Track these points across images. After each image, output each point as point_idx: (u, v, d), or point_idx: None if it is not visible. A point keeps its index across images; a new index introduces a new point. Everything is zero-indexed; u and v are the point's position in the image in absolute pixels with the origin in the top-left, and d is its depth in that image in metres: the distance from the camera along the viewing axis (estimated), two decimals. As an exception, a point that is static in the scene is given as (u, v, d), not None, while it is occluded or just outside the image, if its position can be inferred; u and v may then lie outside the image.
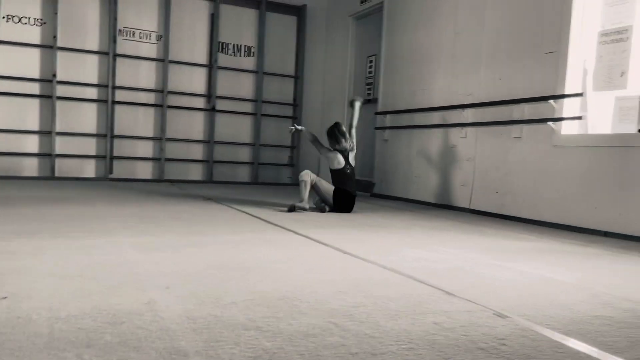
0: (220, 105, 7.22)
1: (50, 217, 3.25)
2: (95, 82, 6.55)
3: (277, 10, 7.51)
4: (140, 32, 6.75)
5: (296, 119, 7.65)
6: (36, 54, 6.26)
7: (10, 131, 6.16)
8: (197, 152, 7.18)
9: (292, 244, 2.74)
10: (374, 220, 4.03)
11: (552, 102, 4.12)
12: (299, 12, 7.65)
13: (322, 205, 4.36)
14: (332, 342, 1.32)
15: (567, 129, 4.09)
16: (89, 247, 2.34)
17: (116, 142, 6.68)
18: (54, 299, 1.56)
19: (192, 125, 7.12)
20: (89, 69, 6.52)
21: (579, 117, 3.97)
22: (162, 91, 6.84)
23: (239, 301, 1.64)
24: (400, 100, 6.03)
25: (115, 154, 6.67)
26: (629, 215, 3.57)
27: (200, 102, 7.15)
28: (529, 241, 3.33)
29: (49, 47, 6.26)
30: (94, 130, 6.59)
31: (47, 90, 6.31)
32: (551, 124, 4.13)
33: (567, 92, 4.04)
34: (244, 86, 7.40)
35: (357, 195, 4.54)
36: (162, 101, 6.84)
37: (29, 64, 6.23)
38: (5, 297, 1.55)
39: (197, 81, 7.12)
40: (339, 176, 4.44)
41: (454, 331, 1.47)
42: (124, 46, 6.65)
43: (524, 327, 1.54)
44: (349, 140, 4.55)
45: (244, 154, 7.48)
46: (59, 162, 6.41)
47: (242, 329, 1.39)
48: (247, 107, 7.43)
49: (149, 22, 6.80)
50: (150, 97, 6.86)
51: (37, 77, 6.27)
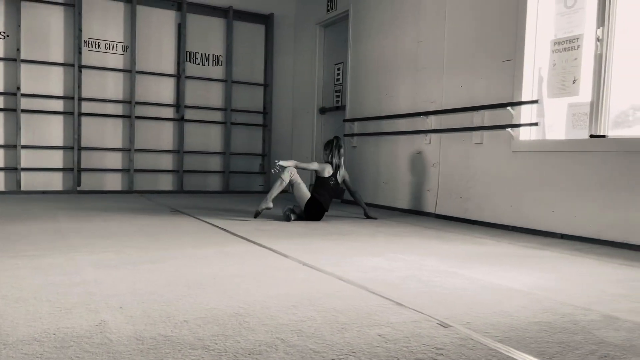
0: (189, 114, 7.22)
1: (8, 234, 3.23)
2: (60, 94, 6.49)
3: (244, 19, 7.55)
4: (105, 43, 6.71)
5: (266, 127, 7.70)
6: (-1, 66, 6.19)
7: (-27, 145, 6.07)
8: (167, 162, 7.17)
9: (253, 258, 2.78)
10: (339, 228, 4.09)
11: (509, 108, 4.24)
12: (267, 21, 7.70)
13: (288, 214, 4.41)
14: (275, 359, 1.37)
15: (524, 134, 4.22)
16: (47, 267, 2.34)
17: (84, 154, 6.63)
18: (5, 323, 1.57)
19: (161, 135, 7.10)
20: (54, 81, 6.46)
21: (535, 124, 4.10)
22: (129, 102, 6.81)
23: (191, 319, 1.67)
24: (367, 107, 6.12)
25: (83, 166, 6.61)
26: (583, 217, 3.70)
27: (169, 112, 7.14)
28: (486, 246, 3.43)
29: (12, 59, 6.19)
30: (60, 142, 6.53)
31: (11, 103, 6.23)
32: (509, 130, 4.25)
33: (523, 99, 4.16)
34: (213, 95, 7.41)
35: (328, 209, 4.62)
36: (130, 112, 6.81)
37: (-8, 77, 6.15)
38: (-46, 324, 1.55)
39: (165, 91, 7.11)
40: (321, 184, 4.56)
41: (396, 342, 1.53)
42: (89, 57, 6.61)
43: (464, 336, 1.61)
44: (342, 158, 4.69)
45: (215, 163, 7.48)
46: (24, 176, 6.33)
47: (189, 348, 1.43)
48: (217, 116, 7.45)
49: (115, 32, 6.77)
50: (117, 108, 6.82)
51: (0, 90, 6.19)
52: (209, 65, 7.37)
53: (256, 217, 4.34)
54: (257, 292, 2.05)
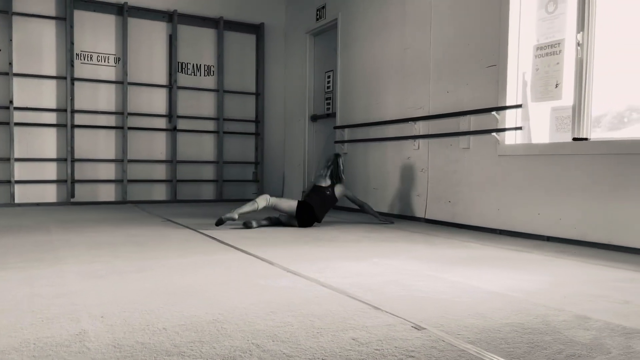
0: (181, 124, 7.27)
1: None
2: (53, 106, 6.54)
3: (235, 29, 7.62)
4: (98, 56, 6.77)
5: (259, 135, 7.76)
6: (-9, 80, 6.24)
7: (-34, 159, 6.11)
8: (160, 172, 7.21)
9: (238, 265, 2.82)
10: (328, 233, 4.13)
11: (494, 113, 4.30)
12: (257, 31, 7.77)
13: (248, 223, 4.38)
14: (247, 364, 1.41)
15: (510, 139, 4.27)
16: (33, 278, 2.38)
17: (77, 165, 6.67)
18: (-14, 334, 1.61)
19: (154, 145, 7.15)
20: (46, 94, 6.51)
21: (519, 128, 4.16)
22: (122, 113, 6.86)
23: (169, 327, 1.71)
24: (356, 114, 6.18)
25: (76, 178, 6.65)
26: (568, 219, 3.75)
27: (161, 123, 7.19)
28: (472, 249, 3.47)
29: (4, 74, 6.24)
30: (54, 154, 6.57)
31: (4, 117, 6.28)
32: (495, 134, 4.30)
33: (507, 103, 4.22)
34: (205, 105, 7.47)
35: (320, 218, 4.63)
36: (123, 123, 6.86)
37: (-15, 91, 6.21)
38: (-64, 336, 1.59)
39: (157, 102, 7.16)
40: (316, 191, 4.64)
41: (368, 346, 1.57)
42: (81, 70, 6.66)
43: (436, 338, 1.65)
44: (342, 175, 4.79)
45: (208, 172, 7.53)
46: (18, 189, 6.37)
47: (165, 355, 1.47)
48: (209, 126, 7.50)
49: (107, 45, 6.83)
50: (110, 120, 6.88)
51: (-7, 104, 6.25)
52: (200, 75, 7.43)
53: (217, 225, 4.25)
54: (238, 299, 2.08)
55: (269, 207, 4.47)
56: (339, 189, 4.70)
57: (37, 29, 6.45)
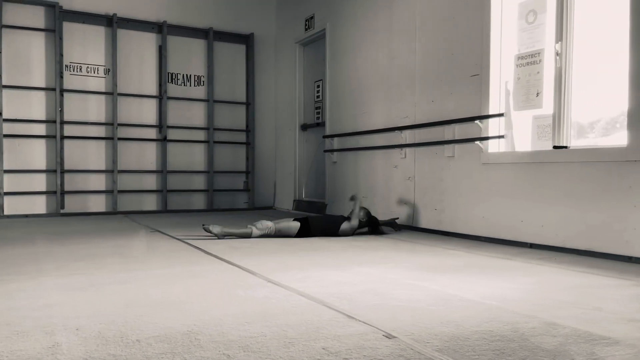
0: (172, 134, 7.30)
1: (-15, 260, 3.28)
2: (43, 118, 6.56)
3: (225, 39, 7.67)
4: (87, 67, 6.81)
5: (250, 144, 7.80)
6: (-19, 93, 6.25)
7: (-44, 171, 6.11)
8: (151, 182, 7.22)
9: (221, 276, 2.84)
10: (315, 243, 4.14)
11: (477, 122, 4.34)
12: (247, 41, 7.82)
13: (207, 227, 4.26)
14: (215, 374, 1.43)
15: (493, 147, 4.32)
16: (13, 291, 2.40)
17: (67, 176, 6.68)
18: (-40, 348, 1.62)
19: (144, 156, 7.17)
20: (36, 106, 6.53)
21: (502, 136, 4.21)
22: (112, 124, 6.89)
23: (143, 338, 1.73)
24: (345, 123, 6.22)
25: (66, 189, 6.66)
26: (550, 226, 3.79)
27: (151, 133, 7.21)
28: (455, 257, 3.50)
29: (-7, 85, 6.27)
30: (43, 166, 6.58)
31: (-7, 128, 6.30)
32: (478, 142, 4.35)
33: (490, 112, 4.27)
34: (195, 115, 7.50)
35: (315, 232, 4.52)
36: (113, 134, 6.88)
37: (-26, 103, 6.22)
38: None
39: (147, 112, 7.19)
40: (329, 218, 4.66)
41: (338, 355, 1.59)
42: (71, 81, 6.69)
43: (405, 346, 1.67)
44: (363, 218, 4.71)
45: (199, 182, 7.55)
46: (7, 200, 6.37)
47: (136, 366, 1.49)
48: (200, 135, 7.53)
49: (96, 56, 6.86)
50: (100, 130, 6.90)
51: (-18, 116, 6.26)
52: (190, 85, 7.47)
53: (204, 227, 4.25)
54: (215, 310, 2.10)
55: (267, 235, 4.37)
56: (347, 225, 4.60)
57: (26, 41, 6.48)
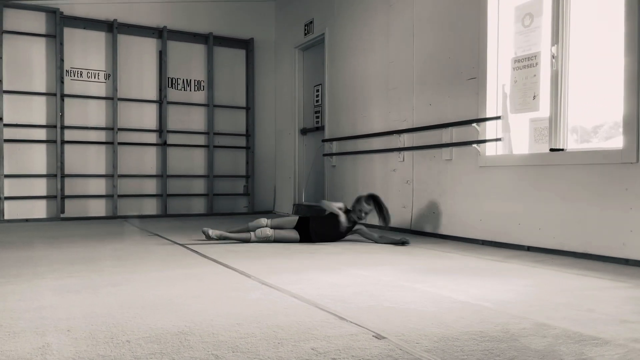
0: (172, 139, 7.32)
1: (-18, 263, 3.29)
2: (43, 123, 6.59)
3: (225, 44, 7.71)
4: (88, 72, 6.84)
5: (249, 149, 7.82)
6: (-18, 98, 6.29)
7: (-44, 176, 6.14)
8: (151, 187, 7.24)
9: (216, 278, 2.84)
10: (312, 246, 4.14)
11: (475, 125, 4.35)
12: (247, 46, 7.86)
13: (206, 232, 4.27)
14: (202, 374, 1.44)
15: (490, 150, 4.32)
16: (7, 293, 2.41)
17: (67, 181, 6.70)
18: (-49, 349, 1.63)
19: (144, 160, 7.19)
20: (36, 111, 6.57)
21: (499, 139, 4.21)
22: (112, 129, 6.92)
23: (133, 339, 1.74)
24: (344, 127, 6.24)
25: (66, 193, 6.68)
26: (547, 229, 3.78)
27: (151, 138, 7.24)
28: (452, 260, 3.50)
29: (-6, 90, 6.31)
30: (43, 170, 6.61)
31: (-6, 133, 6.33)
32: (476, 145, 4.35)
33: (487, 115, 4.27)
34: (195, 119, 7.53)
35: (316, 238, 4.37)
36: (113, 138, 6.91)
37: (-25, 108, 6.26)
38: None
39: (147, 117, 7.22)
40: (328, 216, 4.41)
41: (326, 355, 1.60)
42: (71, 86, 6.73)
43: (395, 346, 1.67)
44: (362, 218, 4.45)
45: (199, 186, 7.56)
46: (8, 205, 6.39)
47: (124, 366, 1.49)
48: (200, 140, 7.55)
49: (97, 61, 6.90)
50: (100, 135, 6.93)
51: (-17, 121, 6.30)
52: (190, 90, 7.50)
53: (203, 232, 4.28)
54: (208, 311, 2.11)
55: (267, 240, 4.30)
56: (354, 229, 4.47)
57: (27, 47, 6.52)
